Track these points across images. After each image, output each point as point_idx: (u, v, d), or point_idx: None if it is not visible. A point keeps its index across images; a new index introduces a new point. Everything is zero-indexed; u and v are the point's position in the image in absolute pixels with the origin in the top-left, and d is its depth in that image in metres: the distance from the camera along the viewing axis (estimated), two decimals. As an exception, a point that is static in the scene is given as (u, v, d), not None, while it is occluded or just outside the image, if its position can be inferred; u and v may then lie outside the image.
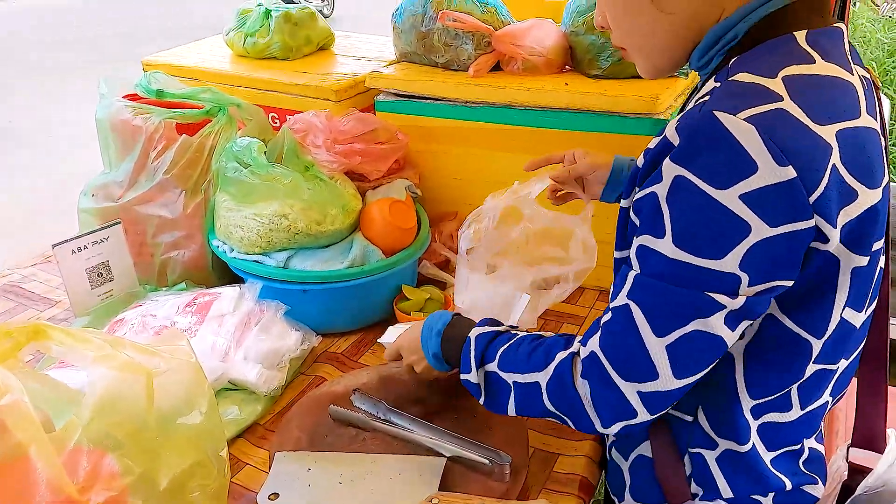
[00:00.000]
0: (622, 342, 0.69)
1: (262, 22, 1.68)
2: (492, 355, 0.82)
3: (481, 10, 1.46)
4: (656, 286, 0.67)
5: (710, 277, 0.64)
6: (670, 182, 0.65)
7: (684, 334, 0.67)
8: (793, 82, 0.64)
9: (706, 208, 0.63)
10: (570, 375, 0.73)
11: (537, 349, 0.78)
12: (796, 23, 0.69)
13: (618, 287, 0.72)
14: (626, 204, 0.76)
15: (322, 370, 1.21)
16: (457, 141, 1.47)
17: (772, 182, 0.60)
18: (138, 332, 1.11)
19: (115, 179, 1.35)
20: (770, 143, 0.60)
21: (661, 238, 0.66)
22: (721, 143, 0.61)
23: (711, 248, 0.64)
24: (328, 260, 1.25)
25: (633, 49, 0.79)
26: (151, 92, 1.39)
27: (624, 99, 1.29)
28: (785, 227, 0.62)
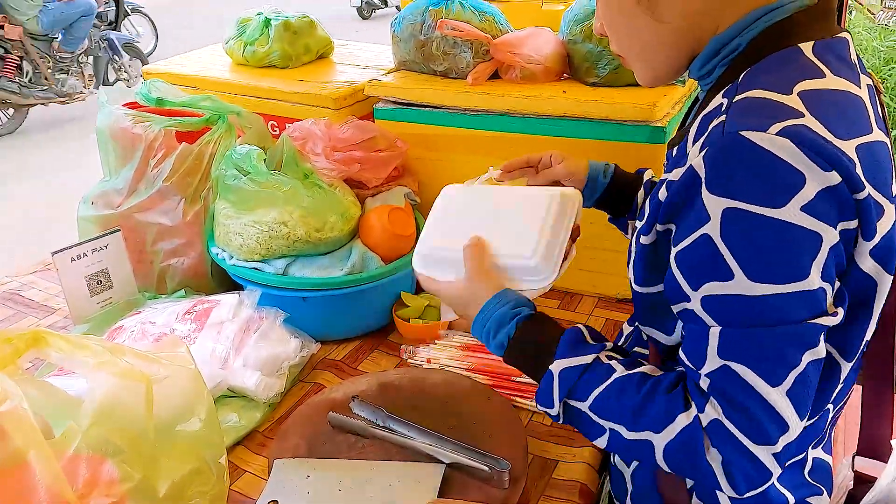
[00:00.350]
0: (742, 405, 0.63)
1: (262, 31, 1.69)
2: (582, 394, 0.73)
3: (479, 18, 1.47)
4: (750, 336, 0.62)
5: (803, 302, 0.61)
6: (720, 217, 0.61)
7: (800, 373, 0.62)
8: (809, 98, 0.62)
9: (773, 231, 0.59)
10: (702, 445, 0.65)
11: (651, 403, 0.68)
12: (801, 33, 0.67)
13: (696, 347, 0.66)
14: (647, 240, 0.72)
15: (321, 377, 1.21)
16: (455, 148, 1.47)
17: (823, 187, 0.59)
18: (137, 339, 1.11)
19: (114, 187, 1.35)
20: (809, 152, 0.58)
21: (731, 280, 0.61)
22: (761, 162, 0.59)
23: (794, 269, 0.60)
24: (327, 267, 1.25)
25: (631, 56, 0.78)
26: (151, 100, 1.40)
27: (622, 107, 1.30)
28: (840, 226, 0.61)
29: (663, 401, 0.68)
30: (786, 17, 0.68)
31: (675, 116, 1.35)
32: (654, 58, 0.76)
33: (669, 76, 0.78)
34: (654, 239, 0.71)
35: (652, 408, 0.68)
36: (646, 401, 0.69)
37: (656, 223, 0.70)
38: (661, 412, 0.67)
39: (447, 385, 1.11)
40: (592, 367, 0.74)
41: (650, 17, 0.71)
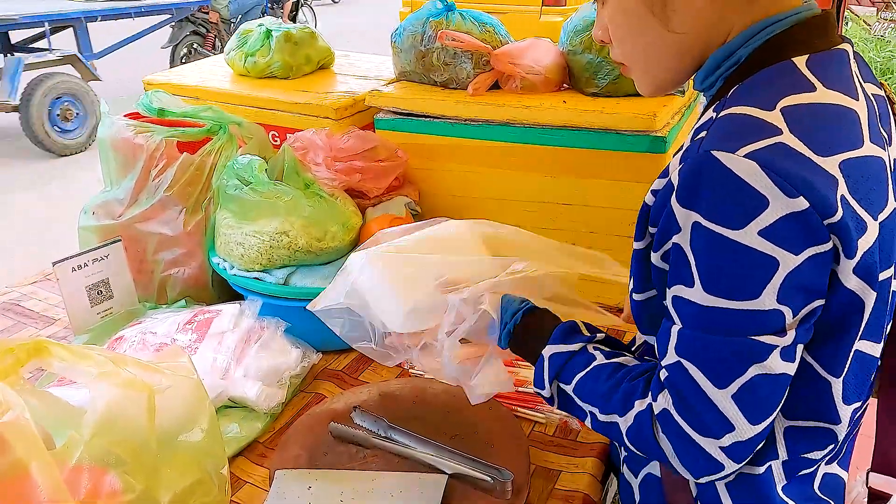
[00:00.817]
0: (688, 400, 0.66)
1: (263, 41, 1.70)
2: (567, 377, 0.78)
3: (480, 29, 1.48)
4: (702, 339, 0.65)
5: (752, 319, 0.62)
6: (689, 230, 0.63)
7: (745, 382, 0.64)
8: (792, 113, 0.62)
9: (727, 251, 0.61)
10: (651, 429, 0.70)
11: (617, 389, 0.74)
12: (798, 47, 0.67)
13: (663, 340, 0.70)
14: (639, 246, 0.74)
15: (322, 387, 1.20)
16: (456, 158, 1.48)
17: (786, 213, 0.59)
18: (138, 349, 1.10)
19: (115, 197, 1.35)
20: (775, 177, 0.59)
21: (692, 287, 0.64)
22: (724, 182, 0.60)
23: (744, 289, 0.62)
24: (328, 277, 1.25)
25: (635, 65, 0.78)
26: (153, 111, 1.40)
27: (622, 117, 1.31)
28: (807, 251, 0.61)
29: (626, 388, 0.73)
30: (783, 31, 0.68)
31: (675, 126, 1.36)
32: (659, 67, 0.76)
33: (670, 86, 0.78)
34: (647, 242, 0.73)
35: (617, 393, 0.73)
36: (614, 387, 0.74)
37: (648, 227, 0.72)
38: (622, 398, 0.73)
39: (449, 395, 1.11)
40: (578, 354, 0.79)
41: (662, 26, 0.71)
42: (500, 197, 1.48)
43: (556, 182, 1.41)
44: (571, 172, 1.39)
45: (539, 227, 1.46)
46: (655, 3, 0.70)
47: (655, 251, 0.71)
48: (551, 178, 1.41)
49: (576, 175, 1.39)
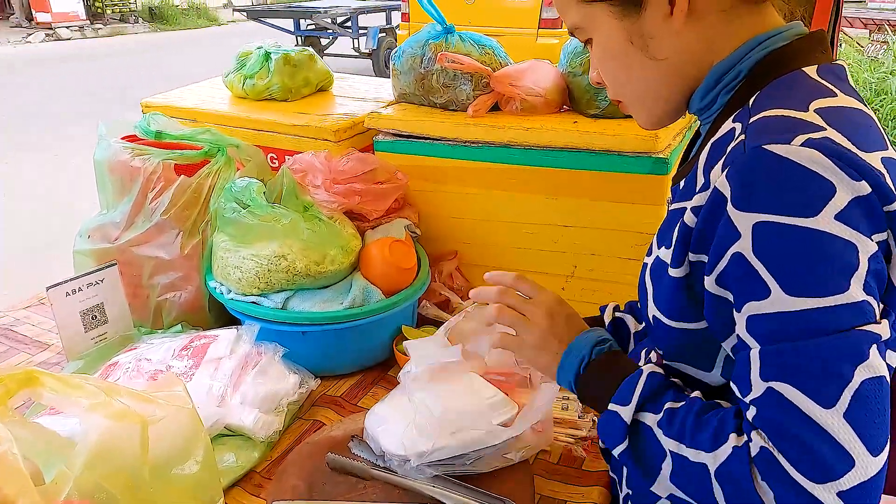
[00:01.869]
0: (790, 430, 0.56)
1: (262, 64, 1.69)
2: (657, 406, 0.68)
3: (479, 51, 1.48)
4: (794, 349, 0.57)
5: (846, 314, 0.56)
6: (751, 232, 0.58)
7: (855, 391, 0.55)
8: (826, 114, 0.61)
9: (808, 241, 0.56)
10: (749, 473, 0.58)
11: (708, 422, 0.64)
12: (802, 60, 0.68)
13: (741, 376, 0.61)
14: (677, 273, 0.68)
15: (321, 414, 1.18)
16: (456, 180, 1.47)
17: (854, 196, 0.56)
18: (132, 376, 1.08)
19: (111, 220, 1.33)
20: (837, 161, 0.57)
21: (768, 297, 0.58)
22: (787, 173, 0.57)
23: (833, 281, 0.56)
24: (327, 301, 1.23)
25: (630, 101, 0.77)
26: (150, 133, 1.39)
27: (623, 138, 1.30)
28: (875, 237, 0.58)
29: (720, 419, 0.63)
30: (786, 44, 0.68)
31: (676, 147, 1.35)
32: (654, 98, 0.75)
33: (670, 116, 0.78)
34: (687, 271, 0.68)
35: (709, 425, 0.63)
36: (708, 419, 0.64)
37: (688, 252, 0.67)
38: (714, 430, 0.63)
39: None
40: (675, 386, 0.72)
41: (644, 55, 0.71)
42: (500, 219, 1.46)
43: (558, 204, 1.40)
44: (572, 194, 1.38)
45: (540, 248, 1.45)
46: (633, 33, 0.71)
47: (709, 274, 0.64)
48: (552, 200, 1.40)
49: (577, 196, 1.38)
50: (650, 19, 0.70)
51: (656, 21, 0.69)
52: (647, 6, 0.69)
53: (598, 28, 0.73)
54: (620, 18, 0.71)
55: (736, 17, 0.69)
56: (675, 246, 0.68)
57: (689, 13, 0.68)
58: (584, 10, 0.73)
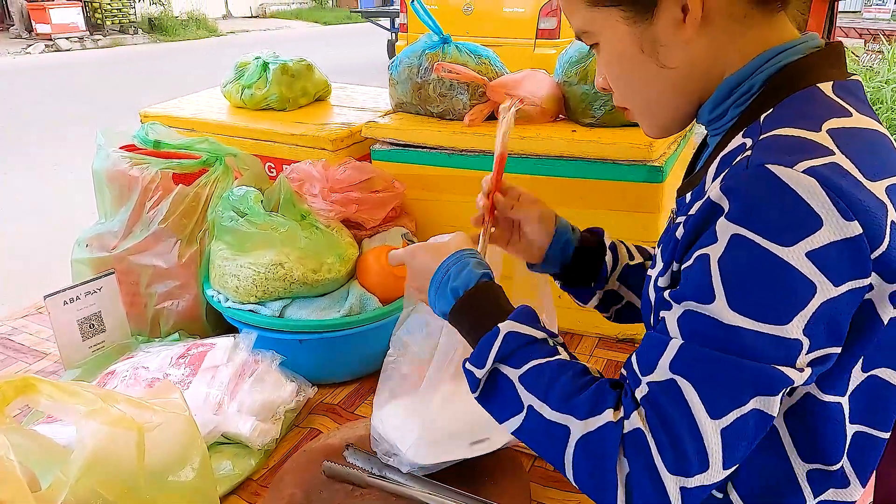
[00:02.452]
0: (672, 424, 0.59)
1: (260, 74, 1.70)
2: (518, 362, 0.70)
3: (476, 61, 1.49)
4: (712, 358, 0.59)
5: (775, 346, 0.58)
6: (726, 241, 0.59)
7: (742, 415, 0.58)
8: (839, 136, 0.60)
9: (770, 267, 0.57)
10: (615, 448, 0.61)
11: (583, 391, 0.65)
12: (818, 75, 0.66)
13: (649, 355, 0.63)
14: (664, 283, 0.69)
15: (318, 422, 1.18)
16: (452, 189, 1.47)
17: (838, 238, 0.56)
18: (130, 385, 1.08)
19: (109, 229, 1.34)
20: (833, 196, 0.56)
21: (711, 303, 0.59)
22: (782, 197, 0.57)
23: (776, 311, 0.57)
24: (324, 308, 1.23)
25: (637, 109, 0.76)
26: (149, 142, 1.40)
27: (619, 146, 1.31)
28: (847, 285, 0.57)
29: (599, 391, 0.65)
30: (801, 58, 0.67)
31: (671, 156, 1.36)
32: (662, 106, 0.74)
33: (677, 125, 0.76)
34: (669, 281, 0.68)
35: (585, 394, 0.65)
36: (582, 386, 0.66)
37: (672, 262, 0.67)
38: (591, 400, 0.64)
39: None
40: (539, 343, 0.71)
41: (655, 63, 0.70)
42: (497, 227, 1.47)
43: (554, 212, 1.40)
44: (568, 202, 1.39)
45: (537, 257, 1.45)
46: (644, 40, 0.69)
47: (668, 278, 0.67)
48: (548, 208, 1.41)
49: (573, 205, 1.39)
50: (662, 26, 0.68)
51: (668, 28, 0.67)
52: (659, 13, 0.67)
53: (607, 33, 0.71)
54: (630, 24, 0.69)
55: (749, 27, 0.68)
56: (664, 258, 0.68)
57: (702, 21, 0.66)
58: (592, 13, 0.71)
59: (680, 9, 0.66)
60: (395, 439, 0.98)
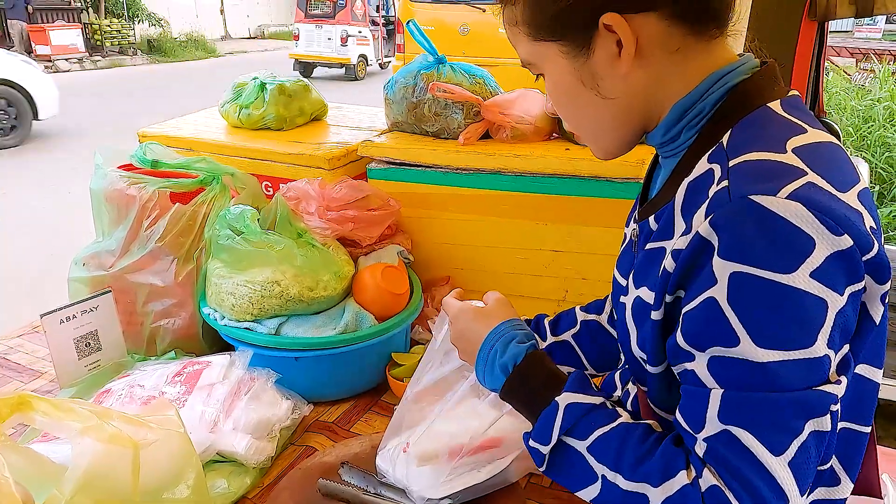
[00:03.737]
0: (742, 473, 0.60)
1: (257, 94, 1.72)
2: (583, 433, 0.70)
3: (470, 81, 1.51)
4: (756, 399, 0.60)
5: (809, 369, 0.59)
6: (727, 281, 0.60)
7: (802, 443, 0.60)
8: (804, 154, 0.62)
9: (781, 297, 0.58)
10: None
11: (651, 453, 0.66)
12: (764, 94, 0.68)
13: (694, 410, 0.64)
14: (657, 315, 0.69)
15: (313, 440, 1.18)
16: (448, 207, 1.49)
17: (832, 251, 0.58)
18: (125, 403, 1.08)
19: (107, 248, 1.35)
20: (821, 216, 0.58)
21: (737, 345, 0.60)
22: (773, 226, 0.58)
23: (802, 336, 0.59)
24: (320, 326, 1.24)
25: (584, 134, 0.79)
26: (146, 162, 1.41)
27: (611, 164, 1.32)
28: (848, 290, 0.60)
29: (667, 453, 0.66)
30: (747, 79, 0.68)
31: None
32: (605, 133, 0.76)
33: (623, 149, 0.78)
34: (663, 314, 0.68)
35: (654, 458, 0.66)
36: (650, 450, 0.67)
37: (665, 294, 0.67)
38: (662, 464, 0.65)
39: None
40: (599, 408, 0.72)
41: (595, 94, 0.71)
42: (492, 244, 1.48)
43: (548, 229, 1.42)
44: (562, 219, 1.40)
45: (531, 273, 1.46)
46: (584, 73, 0.70)
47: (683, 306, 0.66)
48: (543, 225, 1.42)
49: (567, 222, 1.40)
50: (598, 60, 0.69)
51: (605, 62, 0.69)
52: (595, 48, 0.69)
53: (549, 65, 0.73)
54: (569, 58, 0.70)
55: (687, 55, 0.69)
56: (656, 289, 0.68)
57: (637, 55, 0.68)
58: (534, 46, 0.73)
59: (615, 43, 0.67)
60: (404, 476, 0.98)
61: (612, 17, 0.66)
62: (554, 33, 0.70)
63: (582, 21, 0.68)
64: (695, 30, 0.68)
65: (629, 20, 0.66)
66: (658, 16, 0.67)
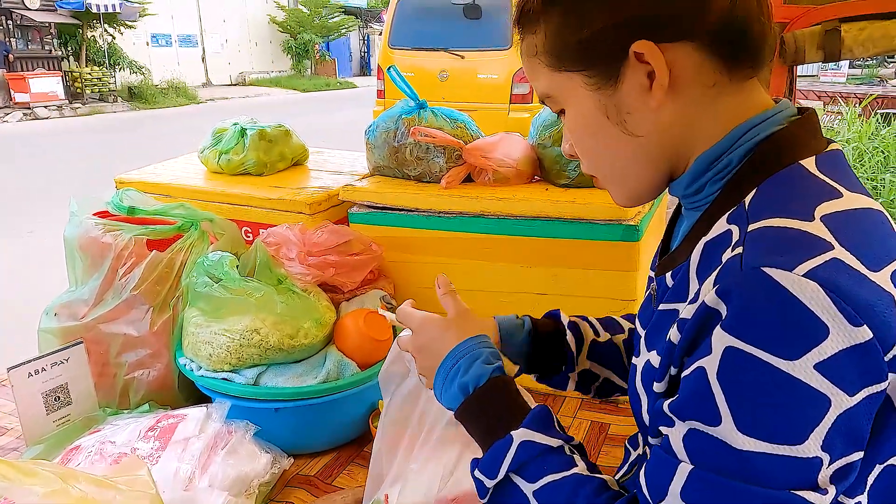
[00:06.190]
0: None
1: (237, 139, 1.71)
2: (533, 475, 0.66)
3: (451, 125, 1.52)
4: (725, 486, 0.54)
5: (792, 469, 0.52)
6: (720, 354, 0.54)
7: None
8: (834, 223, 0.55)
9: (776, 384, 0.52)
10: None
11: None
12: (799, 149, 0.61)
13: (659, 476, 0.58)
14: (660, 389, 0.63)
15: (293, 495, 1.13)
16: (431, 251, 1.47)
17: (847, 345, 0.51)
18: (94, 461, 1.03)
19: (80, 297, 1.31)
20: (839, 301, 0.51)
21: (718, 425, 0.54)
22: (783, 306, 0.51)
23: (790, 431, 0.52)
24: (301, 375, 1.20)
25: (604, 176, 0.72)
26: (123, 209, 1.38)
27: (594, 206, 1.32)
28: (863, 392, 0.52)
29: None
30: (780, 129, 0.62)
31: (646, 215, 1.38)
32: (630, 175, 0.69)
33: (647, 195, 0.71)
34: (667, 387, 0.63)
35: None
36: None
37: (670, 367, 0.61)
38: None
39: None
40: (556, 452, 0.67)
41: (621, 131, 0.65)
42: (476, 288, 1.46)
43: (532, 272, 1.41)
44: (546, 262, 1.39)
45: (516, 317, 1.44)
46: (609, 107, 0.65)
47: (665, 384, 0.62)
48: (526, 269, 1.41)
49: (550, 265, 1.39)
50: (627, 93, 0.63)
51: (634, 94, 0.63)
52: (623, 78, 0.63)
53: (571, 98, 0.67)
54: (594, 90, 0.64)
55: (720, 94, 0.63)
56: (661, 359, 0.63)
57: (669, 88, 0.62)
58: (555, 78, 0.67)
59: (646, 75, 0.62)
60: None
61: (644, 45, 0.60)
62: (578, 63, 0.64)
63: (610, 49, 0.62)
64: (729, 66, 0.62)
65: (663, 49, 0.60)
66: (694, 46, 0.61)
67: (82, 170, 7.64)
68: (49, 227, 5.45)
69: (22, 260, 4.98)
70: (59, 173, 7.65)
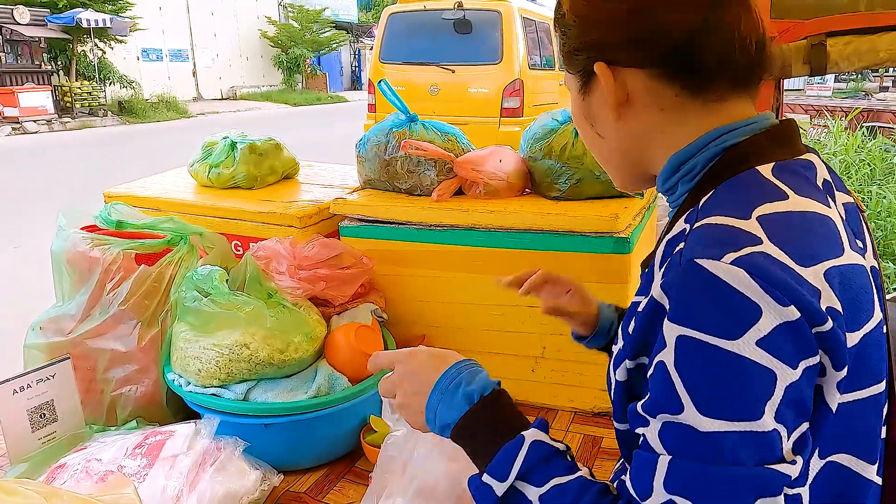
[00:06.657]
0: None
1: (228, 153, 1.71)
2: (539, 478, 0.67)
3: (442, 138, 1.52)
4: (703, 472, 0.57)
5: (758, 444, 0.56)
6: (674, 345, 0.58)
7: None
8: (768, 222, 0.59)
9: (724, 363, 0.56)
10: None
11: None
12: (761, 156, 0.65)
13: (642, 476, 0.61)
14: (621, 377, 0.68)
15: (283, 513, 1.11)
16: (422, 264, 1.47)
17: (780, 322, 0.55)
18: (80, 479, 1.01)
19: (66, 312, 1.29)
20: (765, 284, 0.55)
21: (681, 412, 0.58)
22: (714, 290, 0.56)
23: (746, 407, 0.56)
24: (291, 390, 1.19)
25: (598, 162, 0.80)
26: (111, 223, 1.37)
27: (585, 219, 1.33)
28: (802, 364, 0.57)
29: None
30: (744, 139, 0.66)
31: (637, 227, 1.38)
32: (608, 167, 0.79)
33: (630, 185, 0.79)
34: (626, 376, 0.67)
35: None
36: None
37: (626, 359, 0.66)
38: None
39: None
40: (561, 456, 0.69)
41: (595, 131, 0.75)
42: (467, 301, 1.46)
43: (524, 285, 1.40)
44: (538, 275, 1.39)
45: (508, 330, 1.44)
46: (585, 109, 0.74)
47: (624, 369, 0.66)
48: (518, 281, 1.40)
49: (543, 277, 1.39)
50: (594, 102, 0.72)
51: (597, 105, 0.72)
52: (591, 90, 0.72)
53: (571, 94, 0.77)
54: (578, 92, 0.74)
55: (686, 112, 0.68)
56: (620, 349, 0.68)
57: (627, 104, 0.69)
58: (565, 73, 0.77)
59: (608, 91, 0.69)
60: None
61: (599, 66, 0.68)
62: (569, 67, 0.74)
63: (583, 64, 0.71)
64: (693, 87, 0.67)
65: (615, 72, 0.68)
66: (645, 73, 0.67)
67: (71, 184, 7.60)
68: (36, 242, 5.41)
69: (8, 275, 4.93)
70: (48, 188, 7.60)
